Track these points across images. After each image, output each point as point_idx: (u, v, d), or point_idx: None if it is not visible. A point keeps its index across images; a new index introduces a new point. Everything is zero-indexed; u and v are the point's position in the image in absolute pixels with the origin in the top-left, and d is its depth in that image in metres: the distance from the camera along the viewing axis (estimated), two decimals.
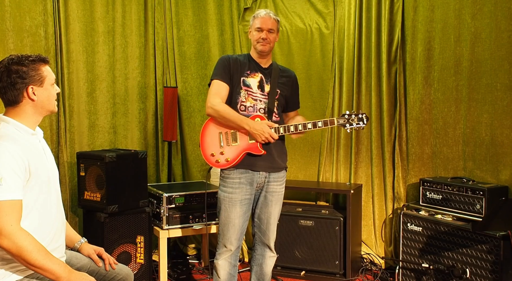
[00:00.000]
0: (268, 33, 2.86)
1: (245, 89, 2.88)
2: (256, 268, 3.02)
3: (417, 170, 3.83)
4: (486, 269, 3.07)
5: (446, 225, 3.31)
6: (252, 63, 2.94)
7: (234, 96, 2.88)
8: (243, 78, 2.90)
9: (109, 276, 2.12)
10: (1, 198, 1.77)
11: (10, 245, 1.74)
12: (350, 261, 3.71)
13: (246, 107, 2.88)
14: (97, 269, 2.11)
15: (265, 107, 2.89)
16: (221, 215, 2.88)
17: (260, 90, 2.90)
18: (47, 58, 2.06)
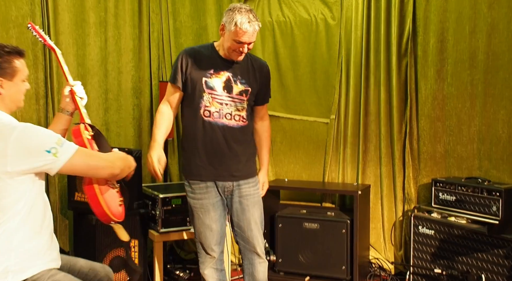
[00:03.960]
0: (248, 45, 2.70)
1: (208, 92, 2.75)
2: (248, 278, 2.97)
3: (429, 170, 3.80)
4: (503, 275, 3.05)
5: (460, 228, 3.29)
6: (218, 60, 2.78)
7: (197, 101, 2.75)
8: (205, 80, 2.76)
9: (89, 275, 2.15)
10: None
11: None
12: (357, 266, 3.69)
13: (211, 112, 2.76)
14: (78, 269, 2.13)
15: (231, 112, 2.79)
16: (196, 223, 2.85)
17: (226, 92, 2.77)
18: (24, 51, 2.02)
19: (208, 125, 2.76)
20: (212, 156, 2.79)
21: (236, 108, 2.80)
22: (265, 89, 2.94)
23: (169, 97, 2.86)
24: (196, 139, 2.79)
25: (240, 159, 2.83)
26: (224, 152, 2.79)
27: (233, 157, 2.80)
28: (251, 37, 2.66)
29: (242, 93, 2.80)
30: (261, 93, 2.92)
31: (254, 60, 2.91)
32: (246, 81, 2.82)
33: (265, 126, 3.02)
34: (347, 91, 4.10)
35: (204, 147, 2.79)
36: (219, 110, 2.76)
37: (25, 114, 3.63)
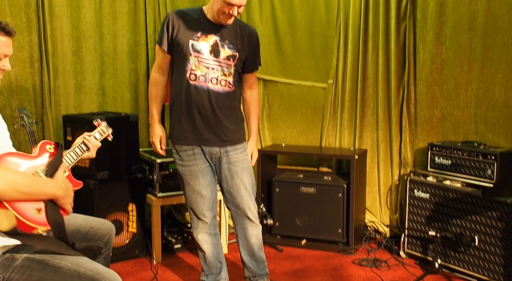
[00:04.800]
0: (239, 8, 2.67)
1: (195, 55, 2.74)
2: (242, 242, 3.03)
3: (426, 134, 3.84)
4: (496, 236, 3.12)
5: (455, 191, 3.35)
6: (206, 23, 2.76)
7: (183, 64, 2.75)
8: (192, 42, 2.75)
9: (91, 234, 2.17)
10: None
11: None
12: (353, 229, 3.77)
13: (197, 76, 2.76)
14: (78, 228, 2.15)
15: (217, 77, 2.78)
16: (186, 190, 2.89)
17: (213, 55, 2.76)
18: (9, 29, 1.90)
19: (194, 89, 2.77)
20: (198, 121, 2.80)
21: (223, 73, 2.79)
22: (254, 57, 2.93)
23: (159, 61, 2.88)
24: (182, 103, 2.80)
25: (226, 125, 2.84)
26: (210, 117, 2.80)
27: (219, 122, 2.81)
28: (241, 0, 2.65)
29: (230, 58, 2.79)
30: (250, 61, 2.90)
31: (243, 26, 2.88)
32: (234, 46, 2.81)
33: (254, 95, 3.02)
34: (345, 56, 4.10)
35: (190, 111, 2.79)
36: (205, 74, 2.76)
37: (20, 77, 3.62)
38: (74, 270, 1.83)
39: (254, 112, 3.04)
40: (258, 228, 3.02)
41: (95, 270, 1.86)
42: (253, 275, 3.08)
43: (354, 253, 3.79)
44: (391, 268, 3.54)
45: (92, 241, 2.17)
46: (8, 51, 1.93)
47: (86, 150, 2.19)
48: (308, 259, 3.71)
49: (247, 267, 3.08)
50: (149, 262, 3.62)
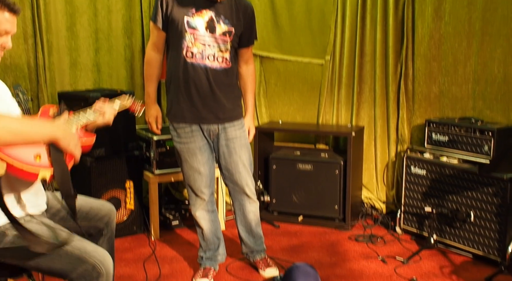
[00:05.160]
0: None
1: (190, 32, 2.70)
2: (240, 219, 3.05)
3: (423, 111, 3.84)
4: (491, 212, 3.15)
5: (452, 168, 3.36)
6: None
7: (179, 41, 2.71)
8: (187, 19, 2.70)
9: (91, 214, 2.16)
10: None
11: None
12: (350, 206, 3.80)
13: (194, 54, 2.73)
14: (78, 207, 2.14)
15: (214, 53, 2.75)
16: (184, 167, 2.89)
17: (209, 31, 2.72)
18: (15, 8, 1.86)
19: (191, 66, 2.74)
20: (196, 99, 2.78)
21: (219, 49, 2.76)
22: (250, 31, 2.89)
23: (154, 38, 2.84)
24: (179, 81, 2.78)
25: (224, 102, 2.82)
26: (208, 95, 2.78)
27: (217, 99, 2.80)
28: None
29: (226, 34, 2.76)
30: (245, 35, 2.86)
31: (238, 1, 2.83)
32: (230, 21, 2.77)
33: (250, 70, 3.00)
34: (342, 31, 4.06)
35: (187, 89, 2.77)
36: (202, 51, 2.72)
37: (14, 54, 3.59)
38: (62, 249, 1.82)
39: (250, 88, 3.02)
40: (255, 205, 3.04)
41: (83, 249, 1.84)
42: (251, 250, 3.11)
43: (351, 229, 3.83)
44: (387, 243, 3.57)
45: (92, 221, 2.17)
46: (11, 29, 1.89)
47: (100, 115, 2.07)
48: (305, 235, 3.74)
49: (244, 243, 3.10)
50: (147, 238, 3.65)
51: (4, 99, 2.00)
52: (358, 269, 3.17)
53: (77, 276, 1.81)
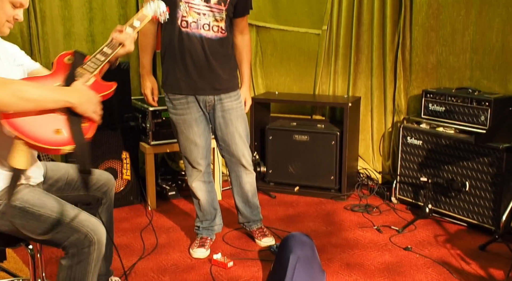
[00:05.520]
0: None
1: (185, 1, 2.65)
2: (236, 189, 3.05)
3: (420, 81, 3.81)
4: (487, 181, 3.16)
5: (448, 138, 3.36)
6: None
7: (173, 10, 2.64)
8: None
9: (90, 183, 2.15)
10: None
11: None
12: (345, 176, 3.81)
13: (188, 23, 2.68)
14: (76, 179, 2.14)
15: (209, 23, 2.70)
16: (180, 139, 2.88)
17: (203, 0, 2.66)
18: None
19: (186, 36, 2.69)
20: (191, 69, 2.74)
21: (215, 19, 2.71)
22: (245, 0, 2.82)
23: None
24: (174, 51, 2.73)
25: (220, 73, 2.79)
26: (203, 65, 2.74)
27: (212, 70, 2.76)
28: None
29: (221, 3, 2.70)
30: (241, 4, 2.80)
31: None
32: None
33: (246, 41, 2.95)
34: (339, 1, 4.00)
35: (183, 59, 2.73)
36: (197, 20, 2.67)
37: None
38: (54, 218, 1.82)
39: (246, 58, 2.98)
40: (252, 176, 3.04)
41: (76, 218, 1.84)
42: (247, 220, 3.12)
43: (346, 199, 3.84)
44: (383, 213, 3.59)
45: (91, 190, 2.16)
46: (25, 2, 1.86)
47: (120, 46, 1.93)
48: (301, 205, 3.76)
49: (241, 213, 3.11)
50: (144, 208, 3.66)
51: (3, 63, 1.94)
52: (354, 238, 3.19)
53: (69, 245, 1.82)
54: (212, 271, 2.77)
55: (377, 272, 2.77)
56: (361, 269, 2.80)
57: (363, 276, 2.73)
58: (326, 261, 2.87)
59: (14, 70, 1.93)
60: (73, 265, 1.83)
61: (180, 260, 2.91)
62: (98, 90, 1.88)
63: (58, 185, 2.09)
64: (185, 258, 2.93)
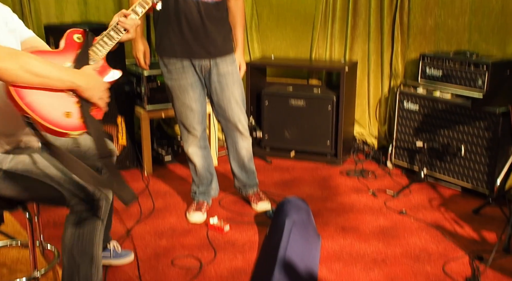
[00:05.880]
0: None
1: None
2: (233, 155, 3.04)
3: (418, 45, 3.75)
4: (482, 146, 3.15)
5: (444, 102, 3.33)
6: None
7: None
8: None
9: (90, 152, 2.14)
10: None
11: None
12: (341, 141, 3.79)
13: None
14: (76, 147, 2.11)
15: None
16: (176, 104, 2.85)
17: None
18: None
19: (182, 0, 2.64)
20: (187, 32, 2.68)
21: None
22: None
23: None
24: (169, 14, 2.67)
25: (215, 37, 2.73)
26: (199, 28, 2.69)
27: (208, 34, 2.71)
28: None
29: None
30: None
31: None
32: None
33: (239, 4, 2.89)
34: None
35: (178, 23, 2.67)
36: None
37: None
38: (60, 177, 1.82)
39: (240, 22, 2.93)
40: (248, 141, 3.02)
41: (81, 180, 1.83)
42: (243, 185, 3.12)
43: (342, 164, 3.84)
44: (378, 178, 3.60)
45: (91, 159, 2.11)
46: None
47: (124, 32, 1.87)
48: (297, 170, 3.76)
49: (237, 178, 3.11)
50: (140, 173, 3.65)
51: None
52: (349, 203, 3.20)
53: (78, 202, 1.83)
54: (208, 235, 2.79)
55: (371, 235, 2.79)
56: (356, 233, 2.81)
57: (358, 239, 2.74)
58: (322, 225, 2.88)
59: (7, 37, 1.86)
60: (81, 221, 1.84)
61: (177, 224, 2.92)
62: (104, 75, 1.85)
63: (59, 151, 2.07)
64: (182, 222, 2.94)
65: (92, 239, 1.88)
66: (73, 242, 1.86)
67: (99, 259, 1.93)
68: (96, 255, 1.91)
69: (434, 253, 2.60)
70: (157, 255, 2.59)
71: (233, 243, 2.71)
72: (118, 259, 2.47)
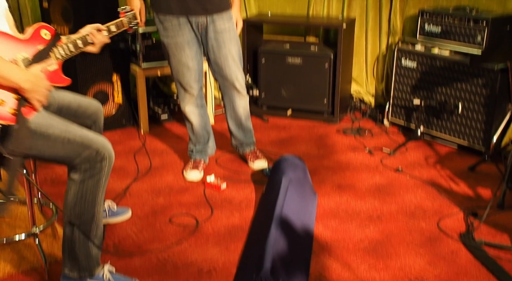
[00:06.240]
0: None
1: None
2: (230, 113, 3.00)
3: (417, 1, 3.65)
4: (479, 103, 3.12)
5: (443, 59, 3.28)
6: None
7: None
8: None
9: (79, 111, 2.12)
10: None
11: None
12: (338, 99, 3.75)
13: None
14: (67, 104, 2.09)
15: None
16: (172, 62, 2.79)
17: None
18: None
19: None
20: None
21: None
22: None
23: None
24: None
25: None
26: None
27: None
28: None
29: None
30: None
31: None
32: None
33: None
34: None
35: None
36: None
37: None
38: (64, 136, 1.82)
39: None
40: (245, 99, 2.98)
41: (85, 136, 1.85)
42: (240, 143, 3.10)
43: (339, 122, 3.82)
44: (375, 136, 3.58)
45: (81, 117, 2.13)
46: None
47: (90, 44, 1.98)
48: (294, 128, 3.74)
49: (234, 136, 3.09)
50: (137, 132, 3.62)
51: None
52: (345, 161, 3.19)
53: (81, 161, 1.83)
54: (205, 193, 2.79)
55: (367, 193, 2.79)
56: (352, 190, 2.82)
57: (354, 197, 2.75)
58: (318, 183, 2.88)
59: None
60: (85, 179, 1.85)
61: (174, 182, 2.92)
62: (53, 79, 1.89)
63: (50, 109, 2.05)
64: (179, 180, 2.94)
65: (94, 198, 1.89)
66: (75, 200, 1.87)
67: (100, 218, 1.95)
68: (98, 213, 1.92)
69: (429, 209, 2.61)
70: (154, 212, 2.60)
71: (230, 201, 2.72)
72: (115, 217, 2.47)
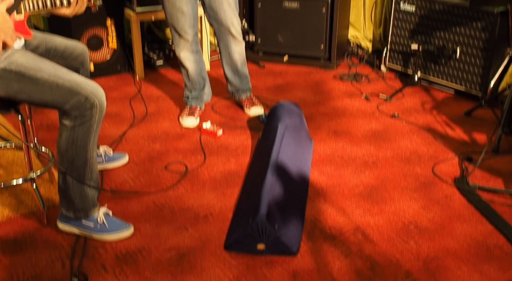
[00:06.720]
0: None
1: None
2: (225, 59, 2.93)
3: None
4: (478, 47, 3.05)
5: (442, 3, 3.17)
6: None
7: None
8: None
9: (66, 52, 2.07)
10: None
11: None
12: (335, 45, 3.66)
13: None
14: (54, 46, 2.04)
15: None
16: (166, 6, 2.69)
17: None
18: None
19: None
20: None
21: None
22: None
23: None
24: None
25: None
26: None
27: None
28: None
29: None
30: None
31: None
32: None
33: None
34: None
35: None
36: None
37: None
38: (53, 81, 1.77)
39: None
40: (241, 45, 2.90)
41: (74, 81, 1.79)
42: (236, 89, 3.05)
43: (336, 68, 3.75)
44: (371, 82, 3.53)
45: (68, 59, 2.08)
46: None
47: (66, 5, 1.85)
48: (290, 74, 3.67)
49: (230, 82, 3.03)
50: (132, 77, 3.55)
51: None
52: (342, 107, 3.16)
53: (71, 108, 1.79)
54: (201, 139, 2.76)
55: (363, 139, 2.77)
56: (348, 136, 2.80)
57: (350, 143, 2.73)
58: (314, 129, 2.86)
59: None
60: (75, 126, 1.82)
61: (170, 129, 2.88)
62: (17, 29, 1.78)
63: (38, 51, 1.99)
64: (175, 127, 2.91)
65: (85, 144, 1.86)
66: (67, 146, 1.85)
67: (93, 162, 1.93)
68: (90, 158, 1.91)
69: (425, 155, 2.60)
70: (151, 158, 2.58)
71: (226, 147, 2.70)
72: (112, 162, 2.46)
